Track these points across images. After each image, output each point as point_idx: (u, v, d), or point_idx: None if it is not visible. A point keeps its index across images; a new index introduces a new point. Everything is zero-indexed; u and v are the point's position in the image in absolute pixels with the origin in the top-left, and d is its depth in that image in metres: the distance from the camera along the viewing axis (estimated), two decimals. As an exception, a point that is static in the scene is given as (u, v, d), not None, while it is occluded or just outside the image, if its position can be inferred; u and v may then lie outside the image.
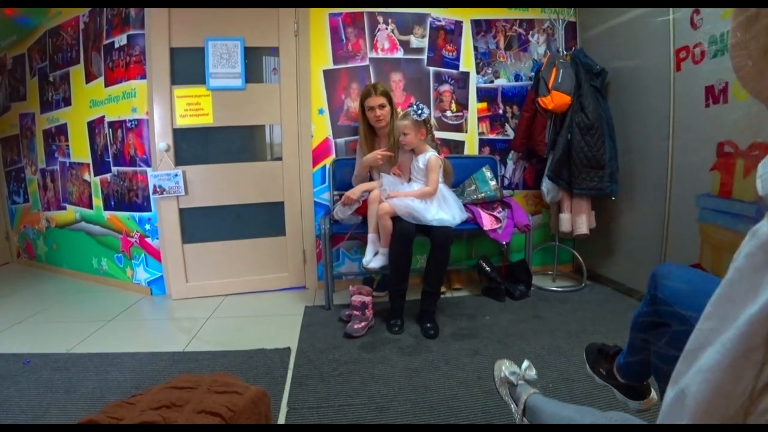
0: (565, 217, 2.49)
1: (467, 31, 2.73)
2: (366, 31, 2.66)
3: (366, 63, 2.67)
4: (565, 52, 2.57)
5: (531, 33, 2.77)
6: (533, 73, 2.63)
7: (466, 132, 2.78)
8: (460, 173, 2.49)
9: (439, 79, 2.73)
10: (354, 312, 2.07)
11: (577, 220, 2.44)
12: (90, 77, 2.78)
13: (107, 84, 2.66)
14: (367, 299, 2.09)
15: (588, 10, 2.66)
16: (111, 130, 2.69)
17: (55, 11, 2.92)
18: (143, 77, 2.52)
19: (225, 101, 2.58)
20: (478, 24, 2.73)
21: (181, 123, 2.55)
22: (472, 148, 2.79)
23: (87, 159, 2.89)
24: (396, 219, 2.06)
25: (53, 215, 3.24)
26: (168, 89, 2.51)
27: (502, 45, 2.76)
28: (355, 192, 2.22)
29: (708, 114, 1.84)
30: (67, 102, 2.94)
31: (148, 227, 2.64)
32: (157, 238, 2.65)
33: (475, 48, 2.74)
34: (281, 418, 1.38)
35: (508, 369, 1.23)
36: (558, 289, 2.55)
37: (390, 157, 2.23)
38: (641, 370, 0.99)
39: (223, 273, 2.69)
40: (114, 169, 2.72)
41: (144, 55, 2.51)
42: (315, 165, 2.69)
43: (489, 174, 2.52)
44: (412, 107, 2.10)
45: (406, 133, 2.11)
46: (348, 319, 2.10)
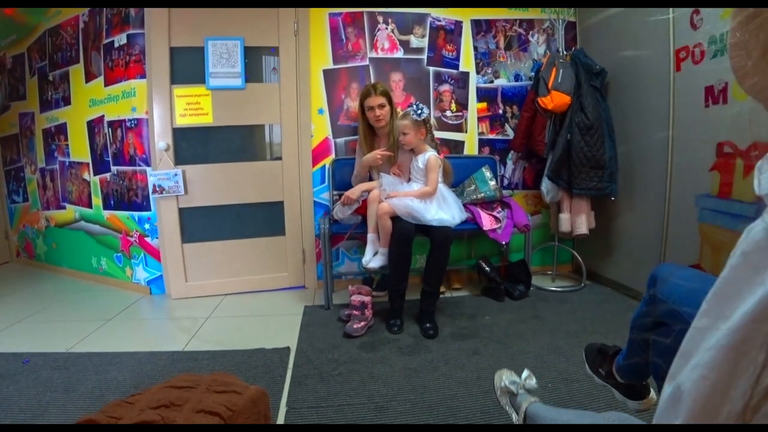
0: (565, 217, 2.49)
1: (467, 31, 2.73)
2: (366, 31, 2.65)
3: (366, 63, 2.67)
4: (565, 52, 2.57)
5: (531, 33, 2.77)
6: (533, 73, 2.63)
7: (465, 132, 2.78)
8: (459, 173, 2.49)
9: (439, 79, 2.73)
10: (353, 312, 2.07)
11: (577, 220, 2.44)
12: (90, 76, 2.77)
13: (107, 83, 2.66)
14: (367, 299, 2.09)
15: (588, 10, 2.66)
16: (110, 129, 2.68)
17: (55, 10, 2.92)
18: (143, 77, 2.52)
19: (225, 101, 2.57)
20: (478, 24, 2.73)
21: (181, 122, 2.55)
22: (471, 148, 2.79)
23: (86, 158, 2.89)
24: (395, 219, 2.05)
25: (53, 214, 3.24)
26: (168, 89, 2.51)
27: (502, 45, 2.76)
28: (355, 192, 2.21)
29: (708, 114, 1.85)
30: (67, 101, 2.94)
31: (147, 227, 2.64)
32: (157, 237, 2.65)
33: (475, 48, 2.74)
34: (280, 417, 1.38)
35: (508, 378, 1.23)
36: (557, 289, 2.56)
37: (389, 157, 2.23)
38: (641, 370, 0.99)
39: (223, 272, 2.69)
40: (113, 169, 2.72)
41: (144, 55, 2.50)
42: (315, 165, 2.69)
43: (489, 174, 2.52)
44: (411, 107, 2.10)
45: (405, 133, 2.11)
46: (347, 319, 2.10)
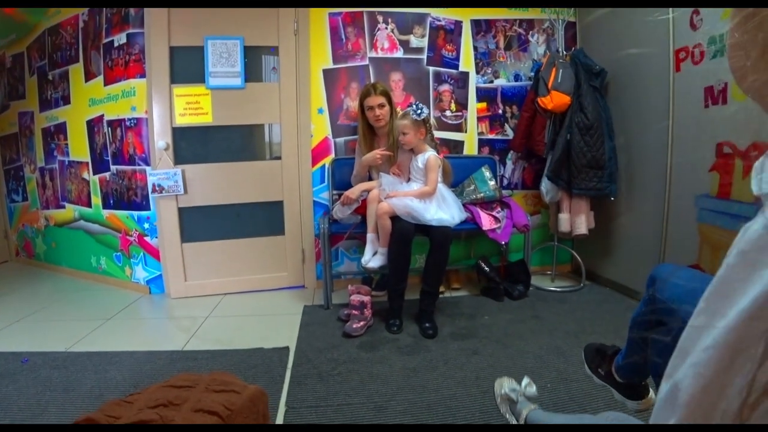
0: (564, 218, 2.49)
1: (467, 31, 2.73)
2: (366, 31, 2.65)
3: (366, 62, 2.67)
4: (565, 52, 2.57)
5: (531, 33, 2.77)
6: (533, 73, 2.63)
7: (465, 132, 2.78)
8: (459, 173, 2.49)
9: (439, 79, 2.73)
10: (353, 311, 2.07)
11: (576, 220, 2.44)
12: (89, 76, 2.77)
13: (106, 83, 2.66)
14: (366, 299, 2.08)
15: (588, 10, 2.66)
16: (110, 128, 2.68)
17: (54, 10, 2.92)
18: (143, 76, 2.52)
19: (224, 100, 2.57)
20: (477, 24, 2.73)
21: (181, 122, 2.55)
22: (471, 148, 2.79)
23: (86, 158, 2.88)
24: (395, 219, 2.05)
25: (52, 214, 3.24)
26: (167, 88, 2.51)
27: (501, 45, 2.76)
28: (354, 191, 2.22)
29: (707, 114, 1.85)
30: (67, 101, 2.93)
31: (147, 226, 2.64)
32: (156, 236, 2.64)
33: (475, 48, 2.74)
34: (279, 417, 1.38)
35: (508, 386, 1.24)
36: (557, 289, 2.56)
37: (389, 157, 2.23)
38: (640, 370, 1.00)
39: (222, 272, 2.68)
40: (113, 168, 2.72)
41: (143, 54, 2.50)
42: (314, 164, 2.69)
43: (488, 174, 2.52)
44: (411, 107, 2.10)
45: (405, 133, 2.10)
46: (347, 319, 2.10)
